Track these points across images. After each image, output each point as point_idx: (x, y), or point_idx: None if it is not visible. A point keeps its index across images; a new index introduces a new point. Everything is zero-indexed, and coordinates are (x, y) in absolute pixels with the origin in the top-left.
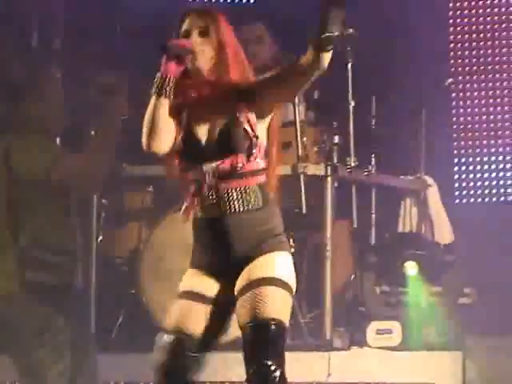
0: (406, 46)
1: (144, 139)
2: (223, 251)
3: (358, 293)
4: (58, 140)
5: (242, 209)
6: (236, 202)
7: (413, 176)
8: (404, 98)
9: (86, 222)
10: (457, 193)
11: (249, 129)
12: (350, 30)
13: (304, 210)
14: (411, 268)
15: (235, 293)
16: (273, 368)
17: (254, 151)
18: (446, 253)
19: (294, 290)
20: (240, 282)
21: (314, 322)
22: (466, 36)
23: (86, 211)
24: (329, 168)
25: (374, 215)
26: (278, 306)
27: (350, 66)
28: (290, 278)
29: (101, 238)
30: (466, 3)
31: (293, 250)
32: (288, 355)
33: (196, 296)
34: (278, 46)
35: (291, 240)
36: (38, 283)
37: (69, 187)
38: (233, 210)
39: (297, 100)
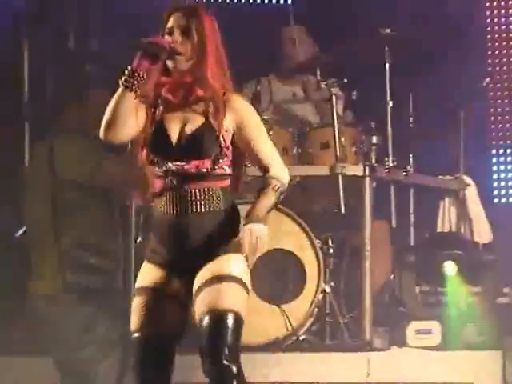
0: (443, 46)
1: (102, 127)
2: (182, 249)
3: (398, 293)
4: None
5: (203, 209)
6: (198, 203)
7: (451, 176)
8: (442, 98)
9: (126, 223)
10: (495, 192)
11: (221, 138)
12: None
13: (343, 211)
14: (450, 268)
15: (193, 291)
16: (228, 361)
17: (220, 160)
18: (484, 252)
19: (250, 288)
20: (198, 280)
21: (354, 322)
22: (504, 35)
23: (125, 213)
24: (367, 168)
25: (412, 215)
26: (235, 299)
27: (387, 66)
28: (245, 277)
29: (140, 239)
30: (503, 2)
31: (331, 250)
32: (328, 355)
33: (156, 293)
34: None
35: (330, 241)
36: (80, 284)
37: (111, 189)
38: (194, 210)
39: (335, 100)
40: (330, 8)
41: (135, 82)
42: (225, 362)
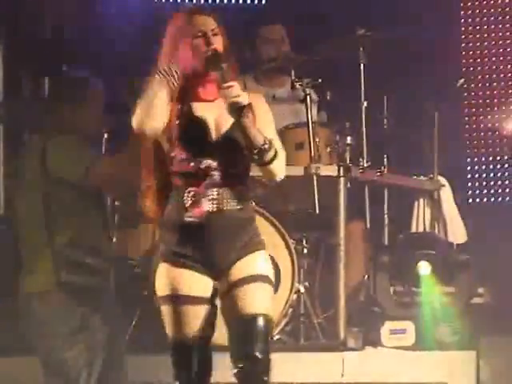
0: (418, 46)
1: (138, 119)
2: (210, 248)
3: (372, 293)
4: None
5: (232, 207)
6: (228, 201)
7: (426, 176)
8: (416, 99)
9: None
10: (469, 192)
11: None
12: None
13: (317, 211)
14: (424, 268)
15: (223, 290)
16: (260, 360)
17: (247, 158)
18: (459, 253)
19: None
20: (229, 280)
21: (328, 322)
22: (478, 36)
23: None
24: (341, 169)
25: (386, 215)
26: (266, 301)
27: (362, 66)
28: (272, 274)
29: (114, 239)
30: (477, 3)
31: (306, 250)
32: (302, 355)
33: (185, 298)
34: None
35: (304, 241)
36: (73, 283)
37: (103, 189)
38: (225, 208)
39: (309, 101)
40: (305, 7)
41: (174, 79)
42: (257, 367)
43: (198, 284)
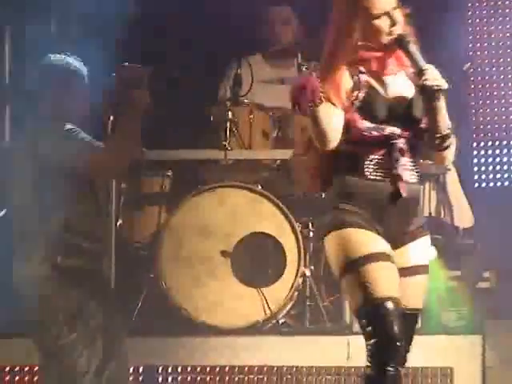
0: (426, 29)
1: (322, 143)
2: (393, 219)
3: None
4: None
5: (412, 180)
6: (409, 172)
7: (432, 160)
8: None
9: (106, 206)
10: (476, 177)
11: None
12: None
13: (323, 195)
14: (430, 252)
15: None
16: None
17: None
18: (465, 237)
19: None
20: (399, 259)
21: (334, 305)
22: (485, 20)
23: (105, 195)
24: None
25: None
26: (422, 296)
27: None
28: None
29: (120, 222)
30: None
31: (312, 234)
32: (307, 339)
33: (387, 256)
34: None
35: (310, 224)
36: (69, 268)
37: (94, 175)
38: (408, 179)
39: None
40: None
41: (319, 99)
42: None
43: (388, 246)
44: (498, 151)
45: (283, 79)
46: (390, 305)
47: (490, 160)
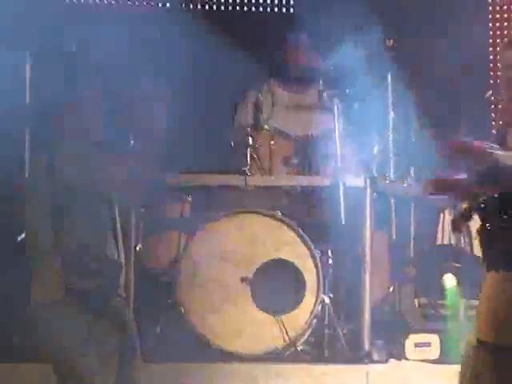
0: (444, 59)
1: None
2: None
3: (397, 305)
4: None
5: None
6: None
7: None
8: (443, 111)
9: (125, 230)
10: None
11: None
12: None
13: (343, 222)
14: (450, 280)
15: None
16: None
17: None
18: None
19: None
20: None
21: (353, 333)
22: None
23: (125, 220)
24: (368, 180)
25: (412, 227)
26: None
27: (389, 77)
28: None
29: (139, 246)
30: (505, 15)
31: (331, 261)
32: (326, 367)
33: None
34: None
35: (330, 251)
36: (82, 291)
37: (111, 198)
38: None
39: (336, 111)
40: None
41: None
42: None
43: None
44: None
45: (302, 105)
46: None
47: None
